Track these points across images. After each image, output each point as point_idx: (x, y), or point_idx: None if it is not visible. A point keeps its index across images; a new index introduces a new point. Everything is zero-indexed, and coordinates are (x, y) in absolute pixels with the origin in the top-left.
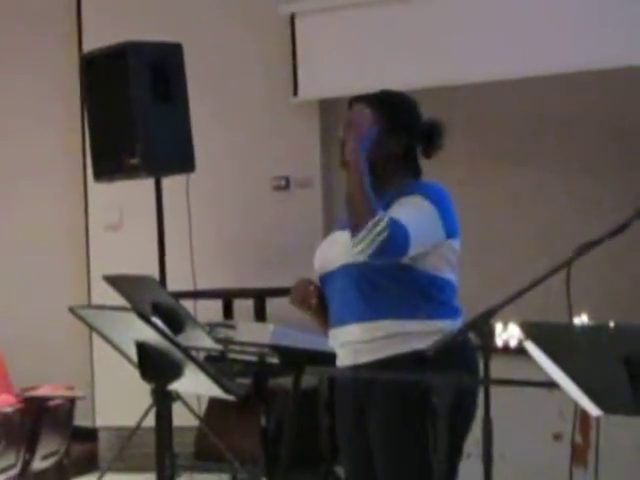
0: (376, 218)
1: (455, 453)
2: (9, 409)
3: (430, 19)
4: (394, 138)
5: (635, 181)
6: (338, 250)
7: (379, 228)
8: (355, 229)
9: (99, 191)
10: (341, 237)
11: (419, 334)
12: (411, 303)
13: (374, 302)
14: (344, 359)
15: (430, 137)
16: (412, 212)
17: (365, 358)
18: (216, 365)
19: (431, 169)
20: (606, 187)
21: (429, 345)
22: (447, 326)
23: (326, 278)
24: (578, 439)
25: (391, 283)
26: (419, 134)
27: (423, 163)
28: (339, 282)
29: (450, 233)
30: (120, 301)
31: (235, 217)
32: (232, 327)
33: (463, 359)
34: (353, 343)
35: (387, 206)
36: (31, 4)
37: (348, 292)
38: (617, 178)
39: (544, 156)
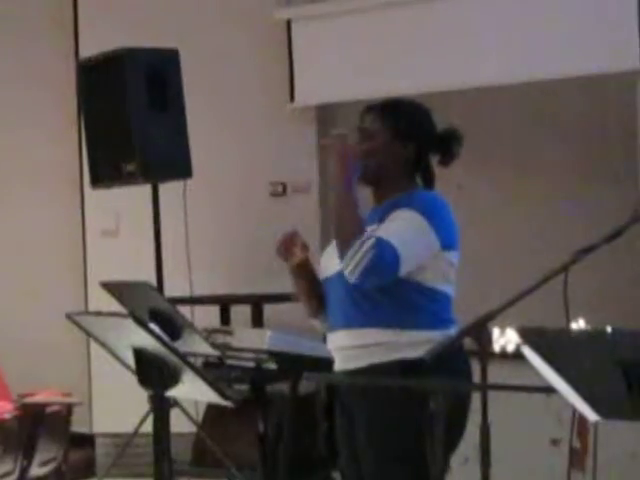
0: (363, 238)
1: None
2: (6, 416)
3: (427, 24)
4: (400, 145)
5: (636, 186)
6: (335, 257)
7: (365, 248)
8: (342, 250)
9: (96, 197)
10: None
11: (407, 344)
12: (401, 313)
13: (364, 310)
14: (337, 364)
15: (448, 145)
16: (403, 229)
17: (352, 364)
18: (213, 371)
19: None
20: (607, 192)
21: (426, 351)
22: (436, 337)
23: (325, 283)
24: (576, 444)
25: (381, 293)
26: (433, 143)
27: None
28: (335, 288)
29: (446, 245)
30: (117, 307)
31: (232, 223)
32: (229, 333)
33: (456, 365)
34: (343, 349)
35: (383, 216)
36: (27, 10)
37: (341, 299)
38: (618, 183)
39: (544, 161)
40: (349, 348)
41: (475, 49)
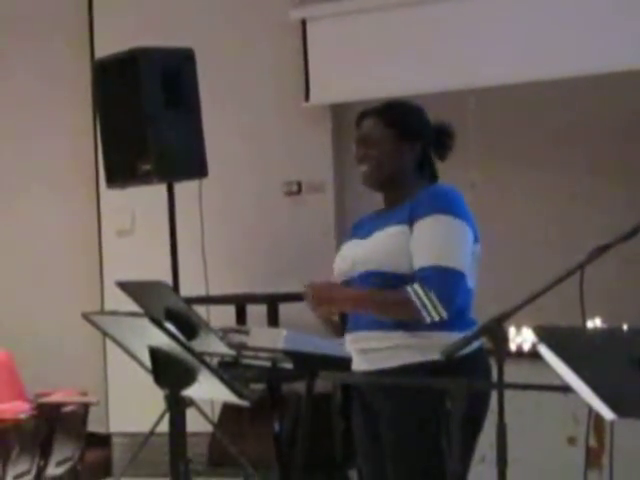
0: (408, 293)
1: (467, 455)
2: (23, 415)
3: (441, 23)
4: (407, 147)
5: None
6: (357, 257)
7: (422, 291)
8: (413, 315)
9: (111, 196)
10: (359, 244)
11: (436, 345)
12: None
13: None
14: (360, 364)
15: (440, 139)
16: (446, 242)
17: (381, 365)
18: (229, 370)
19: (444, 173)
20: (622, 190)
21: (442, 351)
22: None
23: (345, 284)
24: (592, 443)
25: None
26: (431, 139)
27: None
28: (356, 289)
29: (475, 238)
30: (133, 307)
31: (247, 222)
32: (245, 332)
33: (477, 364)
34: (369, 350)
35: (410, 218)
36: (42, 11)
37: None
38: (633, 181)
39: (558, 159)
40: (378, 350)
41: (490, 48)
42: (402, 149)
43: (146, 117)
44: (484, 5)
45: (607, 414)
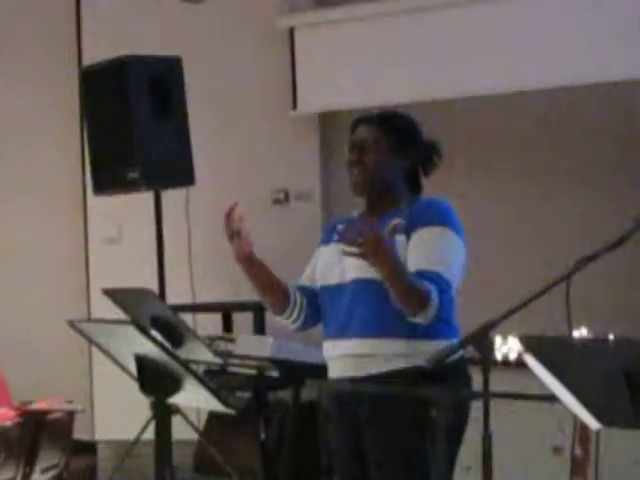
0: (430, 300)
1: (450, 463)
2: (8, 423)
3: (430, 32)
4: (399, 156)
5: (638, 195)
6: (351, 264)
7: (435, 304)
8: (412, 311)
9: (98, 204)
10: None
11: (422, 353)
12: (422, 324)
13: (382, 319)
14: (342, 371)
15: (429, 156)
16: (447, 254)
17: (367, 371)
18: (215, 378)
19: (433, 183)
20: (609, 201)
21: (428, 358)
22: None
23: (329, 290)
24: (578, 452)
25: None
26: (422, 153)
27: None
28: (348, 295)
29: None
30: (120, 315)
31: None
32: (231, 340)
33: (457, 373)
34: (355, 356)
35: (407, 226)
36: (30, 18)
37: (357, 306)
38: (620, 192)
39: (546, 170)
40: (364, 356)
41: (478, 58)
42: (395, 158)
43: (133, 125)
44: (472, 15)
45: (592, 424)
